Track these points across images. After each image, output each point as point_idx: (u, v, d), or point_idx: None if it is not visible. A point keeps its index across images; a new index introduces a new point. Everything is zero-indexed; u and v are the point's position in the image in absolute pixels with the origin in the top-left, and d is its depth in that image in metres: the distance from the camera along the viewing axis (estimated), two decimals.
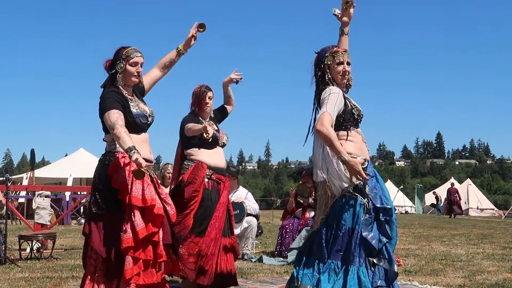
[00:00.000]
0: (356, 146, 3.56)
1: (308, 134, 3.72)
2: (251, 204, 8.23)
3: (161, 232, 3.57)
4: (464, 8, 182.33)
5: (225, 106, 5.09)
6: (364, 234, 3.36)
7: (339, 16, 3.81)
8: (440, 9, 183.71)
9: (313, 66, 3.70)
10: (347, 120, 3.56)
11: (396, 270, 3.43)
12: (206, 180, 4.61)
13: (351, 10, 3.80)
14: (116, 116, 3.52)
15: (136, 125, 3.71)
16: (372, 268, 3.37)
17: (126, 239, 3.44)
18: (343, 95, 3.57)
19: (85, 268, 3.70)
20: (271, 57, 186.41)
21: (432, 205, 34.62)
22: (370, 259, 3.38)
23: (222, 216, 4.65)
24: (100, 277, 3.54)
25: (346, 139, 3.54)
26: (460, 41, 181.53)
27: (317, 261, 3.44)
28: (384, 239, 3.41)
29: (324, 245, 3.43)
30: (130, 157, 3.38)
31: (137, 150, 3.37)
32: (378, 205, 3.42)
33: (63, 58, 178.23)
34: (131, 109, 3.71)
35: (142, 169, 3.34)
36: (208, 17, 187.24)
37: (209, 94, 4.83)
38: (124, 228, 3.48)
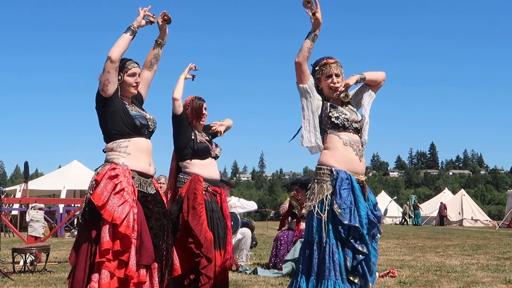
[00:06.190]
0: (330, 154, 3.49)
1: (295, 134, 3.69)
2: (246, 202, 8.29)
3: (133, 252, 3.36)
4: (457, 19, 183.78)
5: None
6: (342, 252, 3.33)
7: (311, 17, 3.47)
8: (432, 20, 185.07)
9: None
10: (324, 123, 3.52)
11: None
12: (204, 192, 4.48)
13: (318, 15, 3.41)
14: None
15: (136, 127, 3.56)
16: (349, 283, 3.31)
17: (99, 252, 3.32)
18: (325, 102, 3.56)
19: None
20: (266, 69, 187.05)
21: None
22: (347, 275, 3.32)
23: (229, 230, 4.71)
24: None
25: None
26: (453, 52, 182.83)
27: (295, 276, 3.47)
28: (359, 256, 3.33)
29: (301, 259, 3.46)
30: (133, 28, 3.61)
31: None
32: (346, 222, 3.32)
33: (58, 69, 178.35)
34: (130, 112, 3.58)
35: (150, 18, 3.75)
36: (204, 28, 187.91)
37: (205, 105, 4.80)
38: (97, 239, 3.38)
